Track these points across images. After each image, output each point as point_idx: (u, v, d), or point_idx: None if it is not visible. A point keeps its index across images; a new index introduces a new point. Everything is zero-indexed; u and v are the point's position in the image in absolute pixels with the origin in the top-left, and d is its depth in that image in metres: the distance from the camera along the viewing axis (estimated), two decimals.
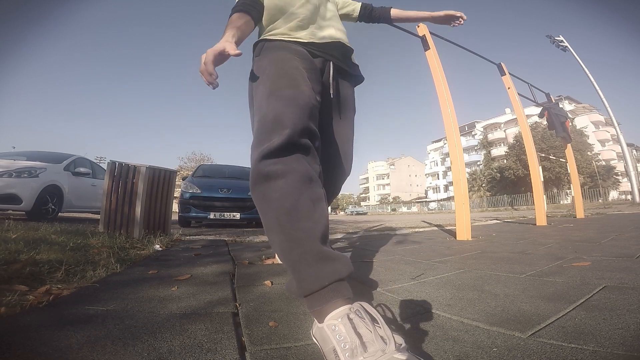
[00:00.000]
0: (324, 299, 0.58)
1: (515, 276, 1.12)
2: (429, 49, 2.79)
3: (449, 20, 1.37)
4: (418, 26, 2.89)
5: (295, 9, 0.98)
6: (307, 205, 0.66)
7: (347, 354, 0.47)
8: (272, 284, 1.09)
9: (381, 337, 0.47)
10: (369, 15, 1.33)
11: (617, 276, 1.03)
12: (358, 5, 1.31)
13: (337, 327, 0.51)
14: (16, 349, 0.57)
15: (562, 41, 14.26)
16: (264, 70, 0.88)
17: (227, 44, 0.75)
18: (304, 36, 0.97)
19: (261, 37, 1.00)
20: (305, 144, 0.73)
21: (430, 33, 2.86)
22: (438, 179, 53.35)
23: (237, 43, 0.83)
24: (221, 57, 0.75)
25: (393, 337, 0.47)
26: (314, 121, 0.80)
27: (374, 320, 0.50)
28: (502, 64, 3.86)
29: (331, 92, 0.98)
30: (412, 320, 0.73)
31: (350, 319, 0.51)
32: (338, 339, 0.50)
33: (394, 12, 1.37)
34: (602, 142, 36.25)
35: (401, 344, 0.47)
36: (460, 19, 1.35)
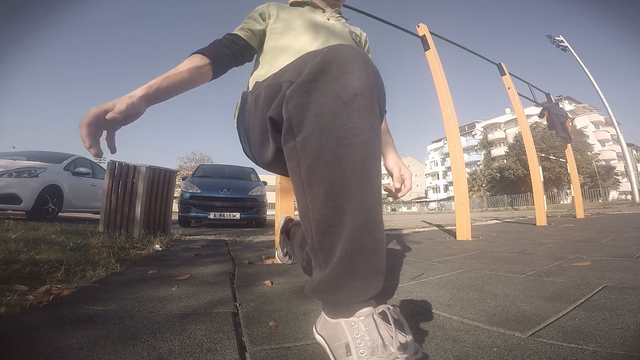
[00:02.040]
0: (353, 305, 0.54)
1: (515, 276, 1.12)
2: (429, 49, 2.79)
3: (389, 173, 0.93)
4: (418, 26, 2.90)
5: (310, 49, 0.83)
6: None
7: (360, 351, 0.47)
8: (272, 284, 1.09)
9: (400, 344, 0.46)
10: None
11: (617, 276, 1.03)
12: None
13: (357, 324, 0.51)
14: (16, 349, 0.57)
15: (562, 41, 14.27)
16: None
17: (121, 101, 0.58)
18: None
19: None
20: None
21: (430, 33, 2.86)
22: (438, 179, 53.34)
23: (154, 96, 0.66)
24: (104, 121, 0.56)
25: (413, 345, 0.47)
26: None
27: (397, 324, 0.49)
28: (502, 64, 3.86)
29: None
30: (412, 320, 0.73)
31: (374, 319, 0.50)
32: (355, 335, 0.49)
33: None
34: (602, 142, 36.25)
35: (418, 352, 0.47)
36: (394, 191, 0.86)
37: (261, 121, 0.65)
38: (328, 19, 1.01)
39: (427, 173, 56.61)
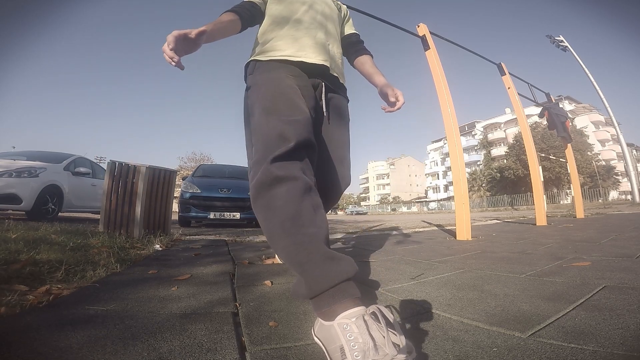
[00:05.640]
0: (333, 299, 0.58)
1: (515, 276, 1.12)
2: (429, 49, 2.79)
3: (383, 97, 1.04)
4: (418, 26, 2.90)
5: (298, 16, 1.02)
6: (309, 211, 0.69)
7: (355, 354, 0.47)
8: (272, 284, 1.09)
9: (393, 343, 0.47)
10: (348, 45, 1.24)
11: (617, 276, 1.03)
12: (351, 31, 1.26)
13: (349, 326, 0.51)
14: (16, 349, 0.57)
15: (562, 41, 14.26)
16: (260, 89, 0.91)
17: (196, 29, 0.75)
18: (294, 53, 0.97)
19: (252, 58, 1.01)
20: (304, 156, 0.78)
21: (430, 33, 2.86)
22: (438, 179, 53.32)
23: (210, 34, 0.84)
24: (184, 41, 0.73)
25: (406, 345, 0.47)
26: (312, 136, 0.84)
27: (389, 324, 0.50)
28: (502, 63, 3.86)
29: (324, 110, 1.01)
30: (412, 320, 0.73)
31: (365, 320, 0.51)
32: (348, 338, 0.50)
33: (362, 60, 1.21)
34: (602, 142, 36.22)
35: (411, 352, 0.47)
36: (391, 107, 1.01)
37: (290, 90, 0.88)
38: None
39: (427, 173, 56.62)
